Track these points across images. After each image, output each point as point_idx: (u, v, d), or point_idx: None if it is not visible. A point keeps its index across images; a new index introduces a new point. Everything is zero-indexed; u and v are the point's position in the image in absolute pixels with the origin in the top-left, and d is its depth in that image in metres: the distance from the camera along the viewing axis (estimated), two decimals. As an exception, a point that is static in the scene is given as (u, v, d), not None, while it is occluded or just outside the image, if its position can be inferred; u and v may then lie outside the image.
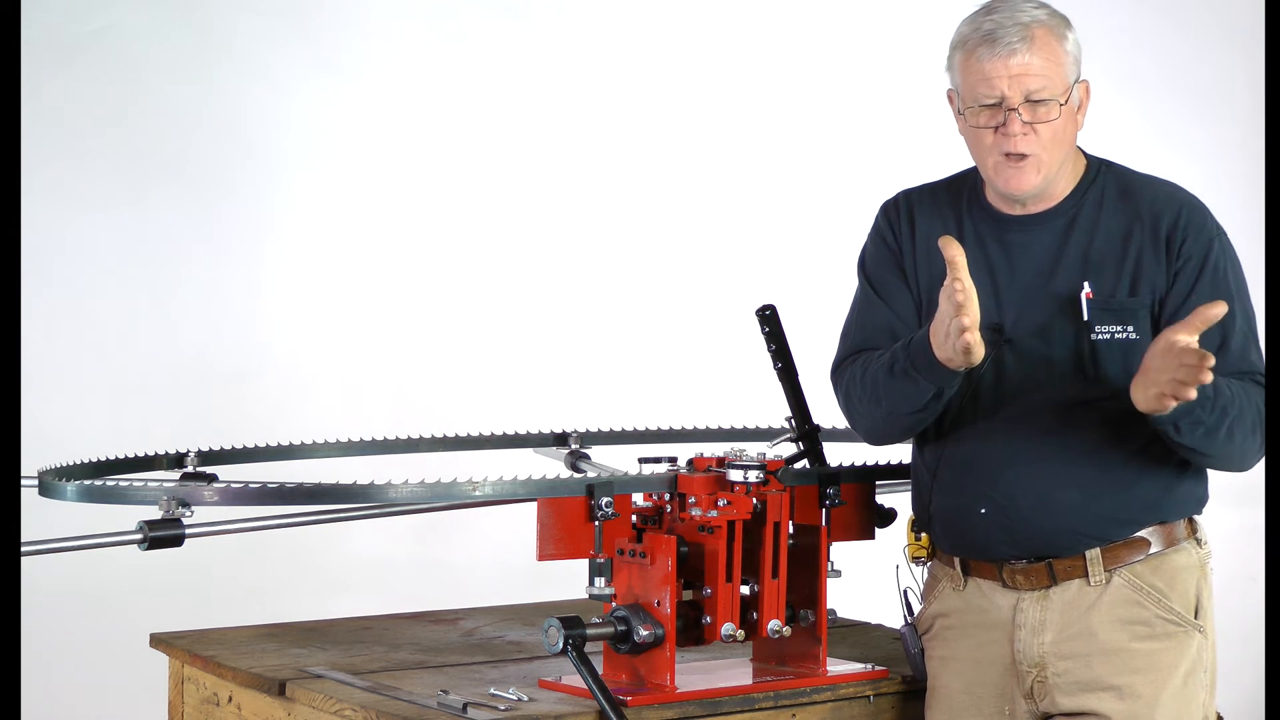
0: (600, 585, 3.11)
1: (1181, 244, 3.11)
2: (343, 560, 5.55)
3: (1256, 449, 3.08)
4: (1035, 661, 3.16)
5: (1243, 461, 3.10)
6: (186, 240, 5.59)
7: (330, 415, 5.35)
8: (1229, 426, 3.00)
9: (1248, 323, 3.13)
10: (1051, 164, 3.11)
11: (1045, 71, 3.06)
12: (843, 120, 6.12)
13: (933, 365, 3.04)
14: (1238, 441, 3.03)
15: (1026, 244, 3.14)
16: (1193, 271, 3.10)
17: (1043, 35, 3.06)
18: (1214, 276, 3.10)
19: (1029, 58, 3.05)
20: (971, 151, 3.16)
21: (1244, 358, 3.09)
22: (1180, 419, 2.96)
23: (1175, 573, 3.16)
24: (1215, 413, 2.98)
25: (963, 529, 3.19)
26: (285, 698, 3.24)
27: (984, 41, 3.06)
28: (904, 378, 3.10)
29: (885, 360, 3.15)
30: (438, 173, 5.81)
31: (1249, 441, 3.05)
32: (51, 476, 3.34)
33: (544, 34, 5.90)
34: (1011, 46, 3.04)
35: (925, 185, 3.33)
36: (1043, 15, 3.09)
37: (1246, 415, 3.03)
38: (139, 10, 5.54)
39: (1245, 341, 3.10)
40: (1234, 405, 3.00)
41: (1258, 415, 3.05)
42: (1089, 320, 3.10)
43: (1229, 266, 3.13)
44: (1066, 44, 3.09)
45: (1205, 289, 3.09)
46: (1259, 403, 3.06)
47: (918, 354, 3.07)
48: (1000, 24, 3.06)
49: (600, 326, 5.92)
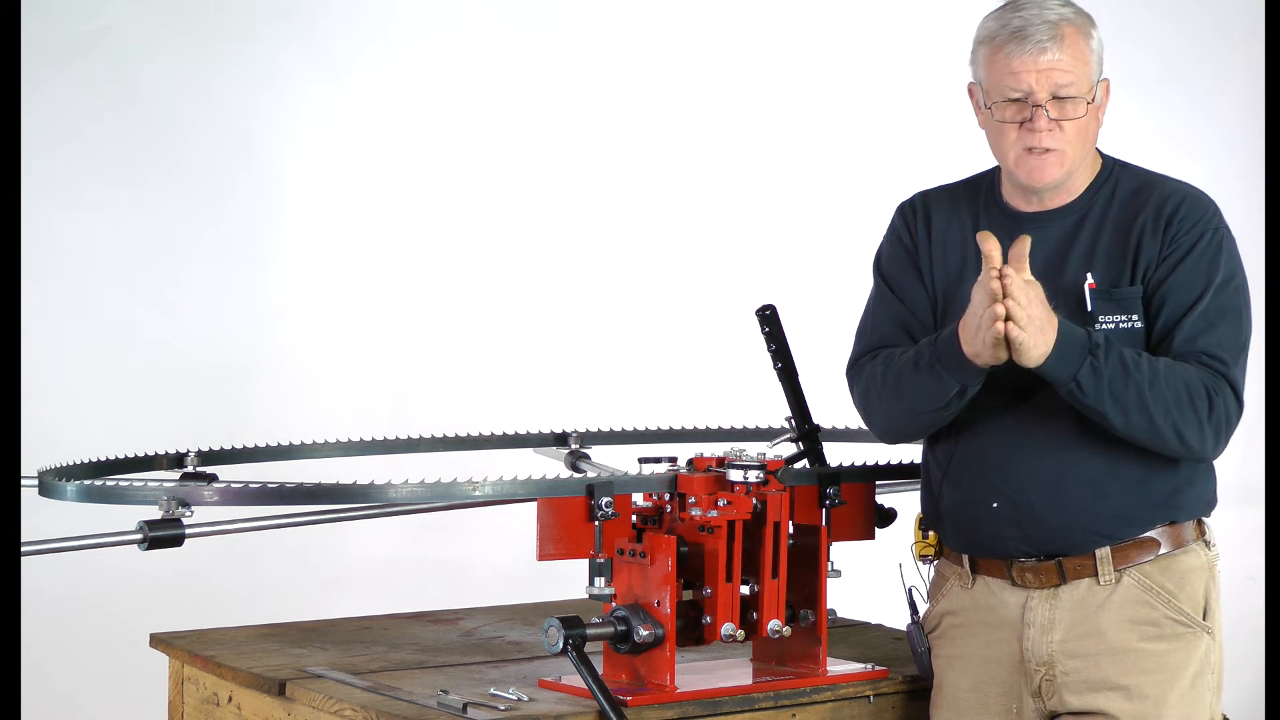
0: (600, 585, 3.11)
1: (1176, 232, 3.12)
2: (343, 560, 5.55)
3: (1196, 426, 3.04)
4: (1044, 660, 3.16)
5: (1182, 440, 3.05)
6: (186, 240, 5.59)
7: (330, 415, 5.35)
8: (1137, 388, 2.99)
9: (1220, 316, 3.09)
10: (1075, 159, 3.12)
11: (1073, 69, 3.08)
12: (843, 121, 6.12)
13: (959, 361, 3.05)
14: (1155, 411, 3.01)
15: (1039, 240, 3.15)
16: (1177, 258, 3.11)
17: (1071, 33, 3.08)
18: (1195, 265, 3.10)
19: (1058, 55, 3.06)
20: (992, 145, 3.17)
21: (1191, 340, 3.07)
22: (1073, 369, 2.97)
23: (1184, 574, 3.16)
24: (1111, 364, 2.98)
25: (974, 525, 3.20)
26: (285, 698, 3.24)
27: (1013, 38, 3.08)
28: (929, 373, 3.11)
29: (910, 356, 3.16)
30: (439, 173, 5.81)
31: (1179, 415, 3.02)
32: (51, 476, 3.34)
33: (544, 34, 5.90)
34: (1041, 44, 3.06)
35: (942, 186, 3.34)
36: (1070, 13, 3.11)
37: (1167, 385, 3.01)
38: (139, 10, 5.54)
39: (1205, 327, 3.08)
40: (1142, 370, 3.00)
41: (1188, 390, 3.03)
42: (1092, 310, 3.11)
43: (1216, 257, 3.11)
44: (1092, 42, 3.12)
45: (1184, 275, 3.09)
46: (1199, 380, 3.04)
47: (945, 350, 3.07)
48: (1029, 20, 3.07)
49: (600, 326, 5.92)
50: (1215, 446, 3.10)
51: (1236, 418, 3.10)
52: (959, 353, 3.04)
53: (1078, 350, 2.99)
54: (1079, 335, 3.01)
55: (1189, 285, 3.10)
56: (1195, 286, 3.10)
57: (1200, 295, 3.09)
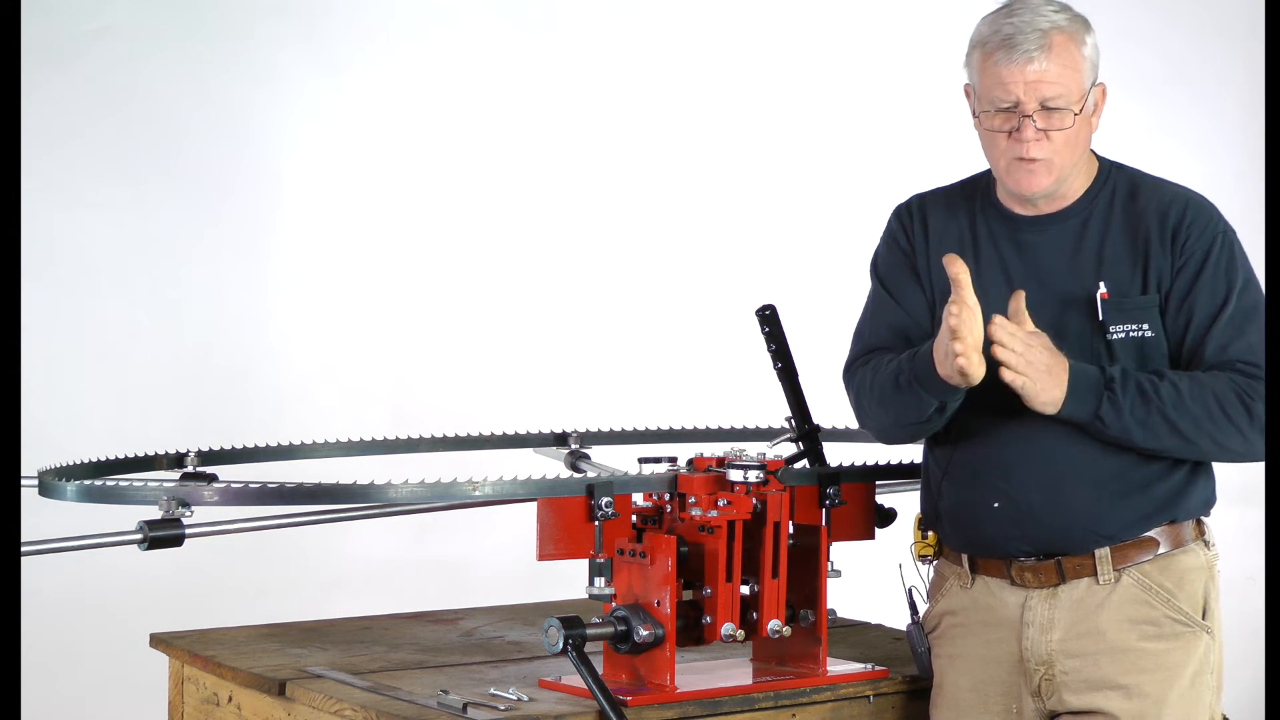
0: (600, 585, 3.11)
1: (1185, 241, 3.12)
2: (343, 560, 5.55)
3: (1237, 434, 3.06)
4: (1043, 660, 3.16)
5: (1223, 449, 3.07)
6: (186, 240, 5.59)
7: (330, 415, 5.35)
8: (1160, 411, 3.01)
9: (1247, 319, 3.11)
10: (1064, 167, 3.12)
11: (1061, 79, 3.06)
12: (842, 121, 6.12)
13: (935, 381, 3.06)
14: (1187, 429, 3.03)
15: (1040, 244, 3.15)
16: (1194, 268, 3.11)
17: (1061, 42, 3.06)
18: (1214, 273, 3.11)
19: (1046, 65, 3.05)
20: (985, 150, 3.18)
21: (1223, 349, 3.08)
22: (1092, 408, 3.00)
23: (1184, 573, 3.16)
24: (1130, 395, 3.00)
25: (974, 524, 3.20)
26: (285, 698, 3.24)
27: (1002, 46, 3.06)
28: (908, 390, 3.12)
29: (892, 370, 3.16)
30: (439, 173, 5.81)
31: (1214, 428, 3.04)
32: (51, 476, 3.34)
33: (544, 35, 5.90)
34: (1029, 54, 3.04)
35: (938, 188, 3.34)
36: (1062, 20, 3.08)
37: (1194, 402, 3.02)
38: (139, 10, 5.54)
39: (1234, 334, 3.09)
40: (1163, 391, 3.02)
41: (1219, 402, 3.03)
42: (1104, 320, 3.11)
43: (1230, 262, 3.13)
44: (1085, 49, 3.09)
45: (1205, 286, 3.11)
46: (1229, 389, 3.04)
47: (921, 368, 3.08)
48: (1019, 29, 3.05)
49: (600, 326, 5.92)
50: (1264, 447, 3.11)
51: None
52: (933, 372, 3.05)
53: (1093, 389, 3.02)
54: (1091, 375, 3.03)
55: (1212, 296, 3.10)
56: (1219, 295, 3.10)
57: (1224, 303, 3.09)
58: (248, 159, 5.63)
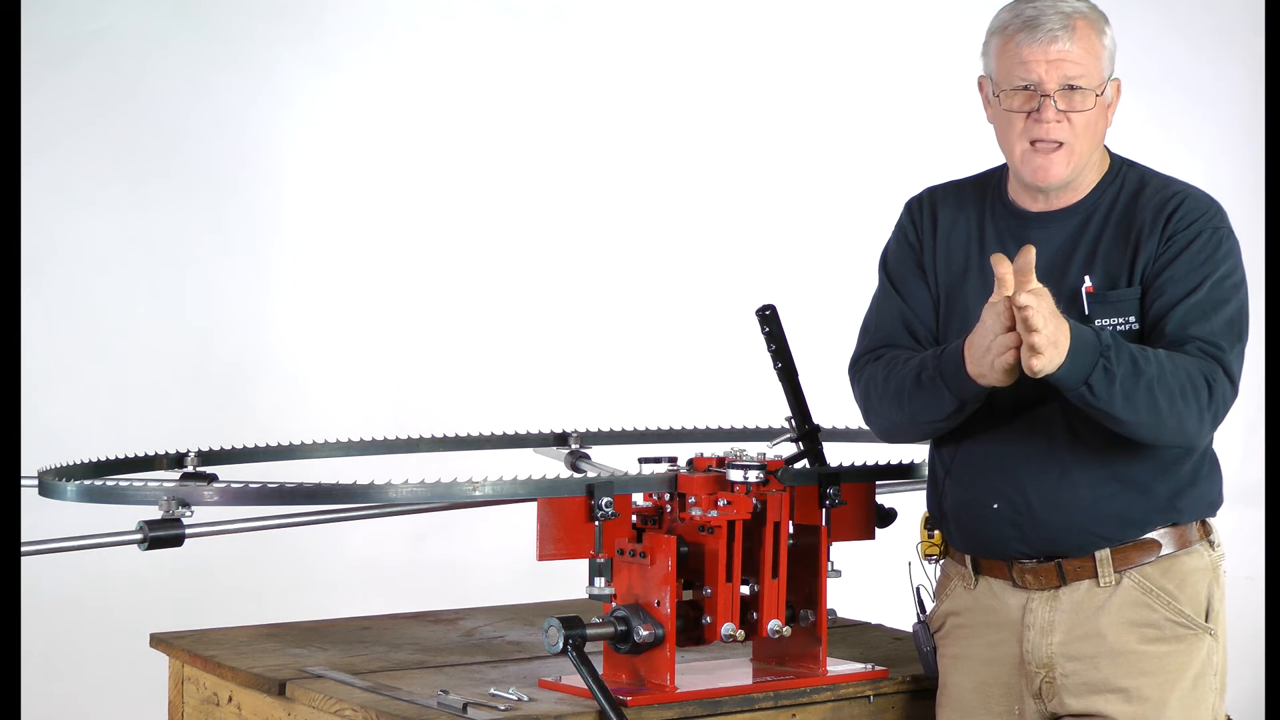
0: (600, 585, 3.11)
1: (1175, 228, 3.10)
2: (343, 560, 5.55)
3: (1196, 416, 3.01)
4: (1043, 662, 3.16)
5: (1181, 430, 3.02)
6: (186, 240, 5.59)
7: (330, 415, 5.35)
8: (1147, 385, 2.95)
9: (1215, 308, 3.06)
10: (1081, 155, 3.11)
11: (1084, 61, 3.07)
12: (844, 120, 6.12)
13: (961, 378, 3.03)
14: (1163, 405, 2.97)
15: (1044, 240, 3.13)
16: (1174, 253, 3.09)
17: (1083, 26, 3.09)
18: (1192, 260, 3.08)
19: (1069, 45, 3.07)
20: (1000, 139, 3.16)
21: (1184, 327, 3.04)
22: (1084, 373, 2.92)
23: (1186, 575, 3.15)
24: (1124, 363, 2.94)
25: (975, 525, 3.19)
26: (285, 698, 3.24)
27: (1025, 27, 3.08)
28: (930, 386, 3.10)
29: (914, 366, 3.14)
30: (438, 173, 5.81)
31: (1183, 406, 2.99)
32: (51, 476, 3.34)
33: (544, 34, 5.90)
34: (1053, 33, 3.06)
35: (951, 182, 3.33)
36: (1084, 8, 3.11)
37: (1173, 378, 2.97)
38: (139, 10, 5.54)
39: (1199, 316, 3.05)
40: (1150, 364, 2.96)
41: (1191, 381, 2.99)
42: (1089, 314, 3.10)
43: (1214, 254, 3.09)
44: (1104, 39, 3.12)
45: (1181, 269, 3.07)
46: (1197, 369, 3.00)
47: (948, 365, 3.06)
48: (1042, 11, 3.08)
49: (600, 326, 5.92)
50: (1210, 434, 3.10)
51: (1232, 403, 3.07)
52: (962, 369, 3.02)
53: (1089, 354, 2.94)
54: (1089, 338, 2.95)
55: (1184, 278, 3.07)
56: (1191, 280, 3.07)
57: (1195, 288, 3.06)
58: (248, 158, 5.64)
